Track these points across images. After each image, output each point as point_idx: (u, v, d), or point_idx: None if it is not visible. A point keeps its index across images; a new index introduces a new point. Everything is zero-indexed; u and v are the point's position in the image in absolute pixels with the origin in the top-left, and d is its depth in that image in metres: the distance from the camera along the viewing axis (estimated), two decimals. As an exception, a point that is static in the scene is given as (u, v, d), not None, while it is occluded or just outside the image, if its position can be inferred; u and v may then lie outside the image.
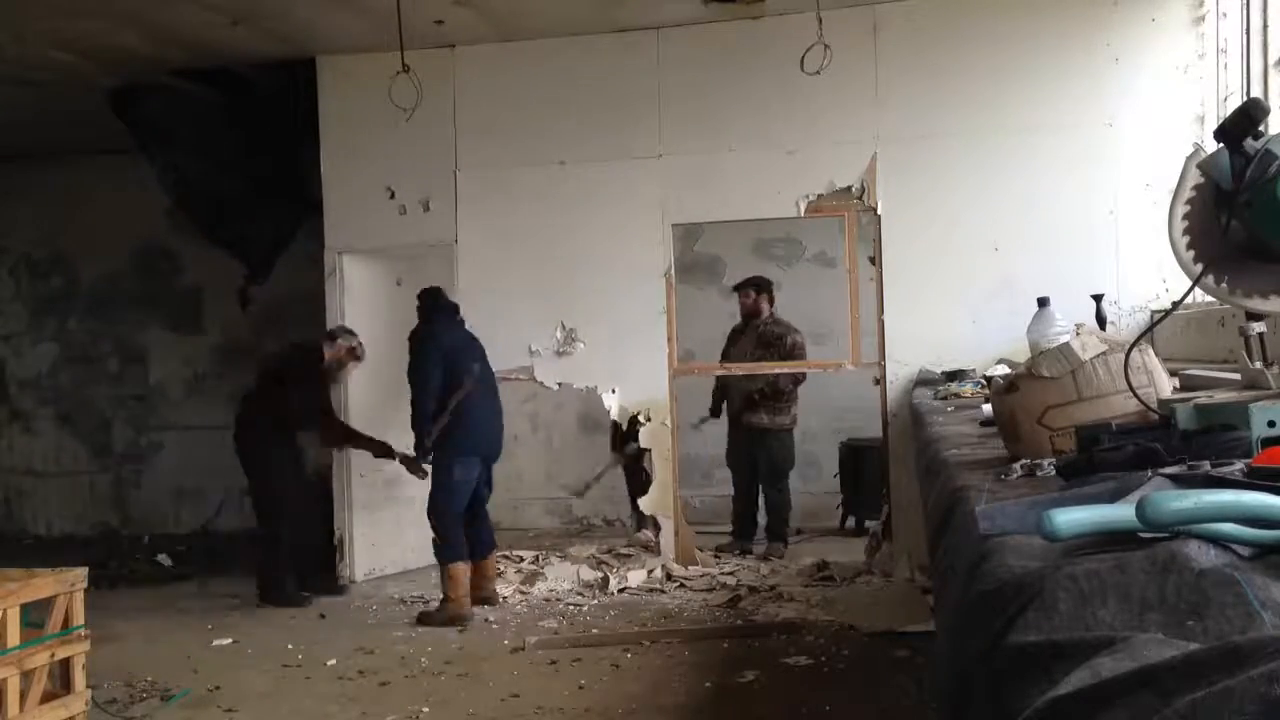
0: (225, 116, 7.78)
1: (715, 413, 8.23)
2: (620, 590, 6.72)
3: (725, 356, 7.93)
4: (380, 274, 7.69)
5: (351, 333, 7.11)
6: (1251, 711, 0.68)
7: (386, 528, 7.55)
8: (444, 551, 6.30)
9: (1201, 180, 1.95)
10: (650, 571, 6.98)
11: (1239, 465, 1.40)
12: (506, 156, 7.27)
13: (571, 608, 6.43)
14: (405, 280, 7.68)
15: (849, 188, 6.83)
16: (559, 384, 7.38)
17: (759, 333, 7.84)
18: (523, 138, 7.24)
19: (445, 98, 7.22)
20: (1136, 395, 2.02)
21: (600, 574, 6.96)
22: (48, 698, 3.96)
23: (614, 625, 6.03)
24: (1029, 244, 6.49)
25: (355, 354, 7.05)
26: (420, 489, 6.57)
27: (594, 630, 5.94)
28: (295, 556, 6.88)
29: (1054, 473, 1.89)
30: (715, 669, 5.16)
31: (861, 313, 7.03)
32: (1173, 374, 2.61)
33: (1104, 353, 2.13)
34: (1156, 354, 2.29)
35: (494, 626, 6.14)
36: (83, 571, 4.16)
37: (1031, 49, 6.56)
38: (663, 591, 6.71)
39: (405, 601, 6.78)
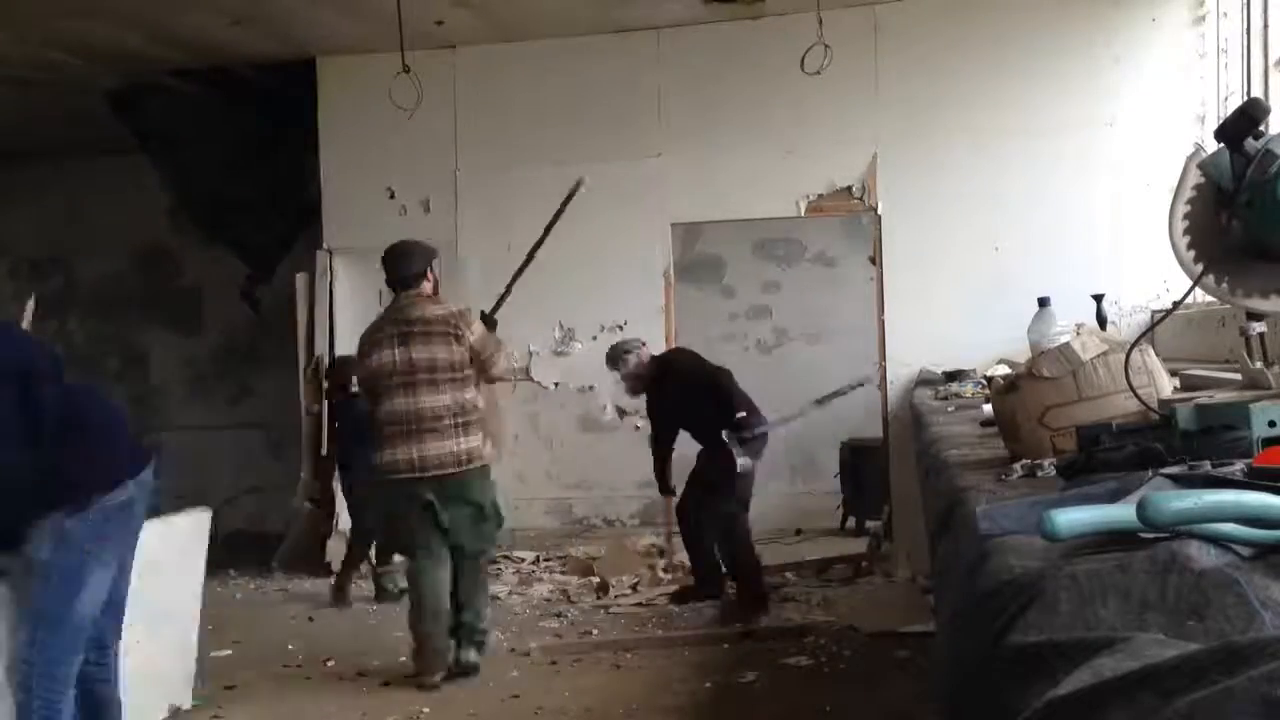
0: (226, 117, 7.79)
1: None
2: (620, 596, 6.67)
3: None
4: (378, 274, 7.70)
5: None
6: (1252, 711, 0.67)
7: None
8: None
9: (1202, 180, 1.95)
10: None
11: (1239, 465, 1.40)
12: (506, 157, 7.26)
13: (571, 609, 6.43)
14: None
15: (849, 187, 6.83)
16: (556, 384, 7.37)
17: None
18: (522, 138, 7.24)
19: (445, 98, 7.22)
20: (1137, 395, 2.02)
21: (598, 578, 6.90)
22: (48, 698, 3.95)
23: (612, 627, 6.02)
24: (1029, 244, 6.49)
25: None
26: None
27: (594, 631, 5.94)
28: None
29: (1054, 473, 1.89)
30: (716, 669, 5.16)
31: (864, 309, 7.04)
32: (1173, 374, 2.62)
33: (1104, 353, 2.13)
34: (1157, 354, 2.30)
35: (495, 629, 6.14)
36: (83, 572, 4.15)
37: (1031, 49, 6.56)
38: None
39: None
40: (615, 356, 6.44)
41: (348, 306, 7.56)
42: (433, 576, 5.04)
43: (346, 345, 7.51)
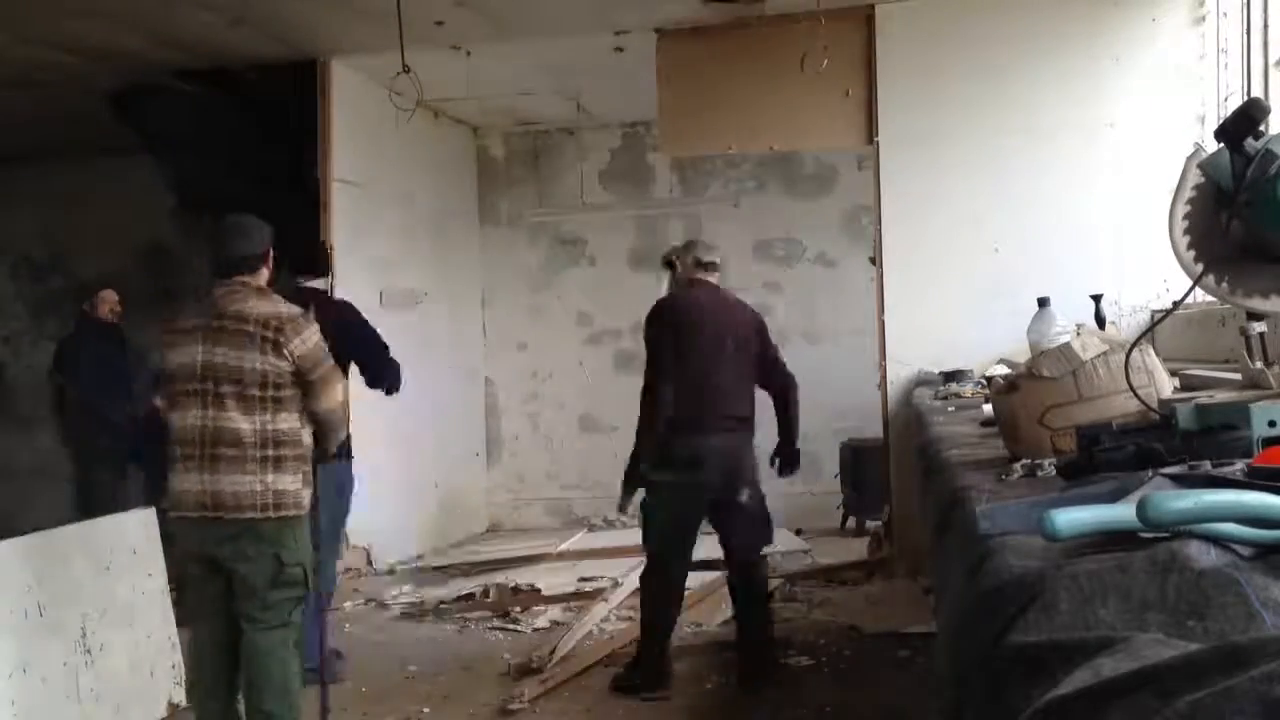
0: (228, 118, 7.78)
1: None
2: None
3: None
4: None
5: None
6: (1252, 712, 0.67)
7: (388, 522, 7.53)
8: None
9: (1202, 180, 1.95)
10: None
11: (1239, 465, 1.40)
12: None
13: (569, 613, 6.42)
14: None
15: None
16: None
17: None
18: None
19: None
20: (1137, 395, 2.02)
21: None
22: (47, 698, 3.96)
23: (611, 631, 6.02)
24: (1029, 244, 6.48)
25: None
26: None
27: (594, 628, 5.94)
28: None
29: (1054, 473, 1.89)
30: (716, 670, 5.16)
31: (864, 309, 7.03)
32: (1173, 374, 2.62)
33: (1104, 353, 2.13)
34: (1157, 354, 2.29)
35: (496, 631, 6.14)
36: (83, 572, 4.17)
37: (1031, 49, 6.55)
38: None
39: (407, 604, 6.77)
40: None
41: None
42: (215, 653, 3.93)
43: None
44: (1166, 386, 2.22)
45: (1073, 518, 1.15)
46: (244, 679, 3.87)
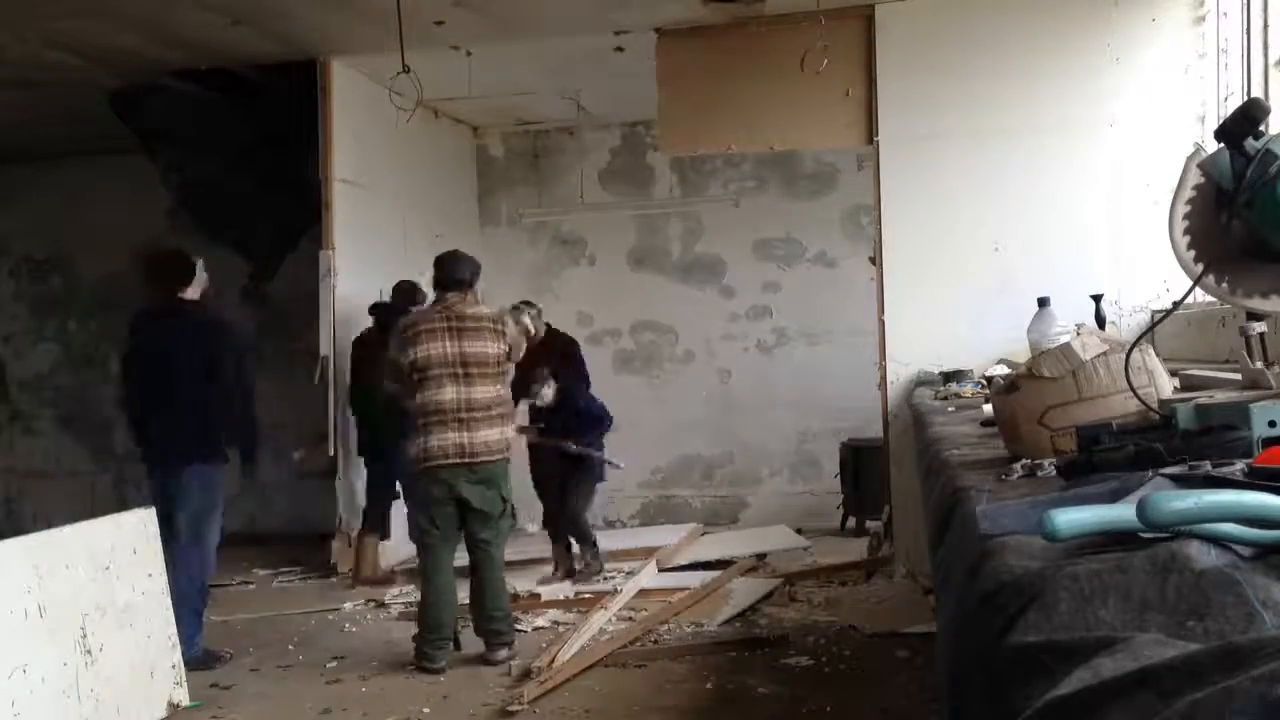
0: (228, 118, 7.78)
1: None
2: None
3: None
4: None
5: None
6: (1252, 712, 0.67)
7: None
8: None
9: (1202, 180, 1.95)
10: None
11: (1239, 465, 1.40)
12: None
13: (569, 612, 6.42)
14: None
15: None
16: None
17: None
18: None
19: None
20: (1137, 395, 2.02)
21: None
22: (48, 698, 3.95)
23: (611, 632, 6.02)
24: (1029, 244, 6.48)
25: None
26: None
27: (596, 626, 5.94)
28: None
29: (1055, 473, 1.88)
30: (717, 670, 5.16)
31: (864, 309, 7.03)
32: (1173, 374, 2.61)
33: (1104, 353, 2.12)
34: (1157, 354, 2.29)
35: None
36: (83, 572, 4.16)
37: (1031, 49, 6.55)
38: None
39: (407, 604, 6.77)
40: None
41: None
42: (449, 563, 5.39)
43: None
44: (1166, 386, 2.22)
45: (1073, 518, 1.15)
46: (477, 583, 5.38)
